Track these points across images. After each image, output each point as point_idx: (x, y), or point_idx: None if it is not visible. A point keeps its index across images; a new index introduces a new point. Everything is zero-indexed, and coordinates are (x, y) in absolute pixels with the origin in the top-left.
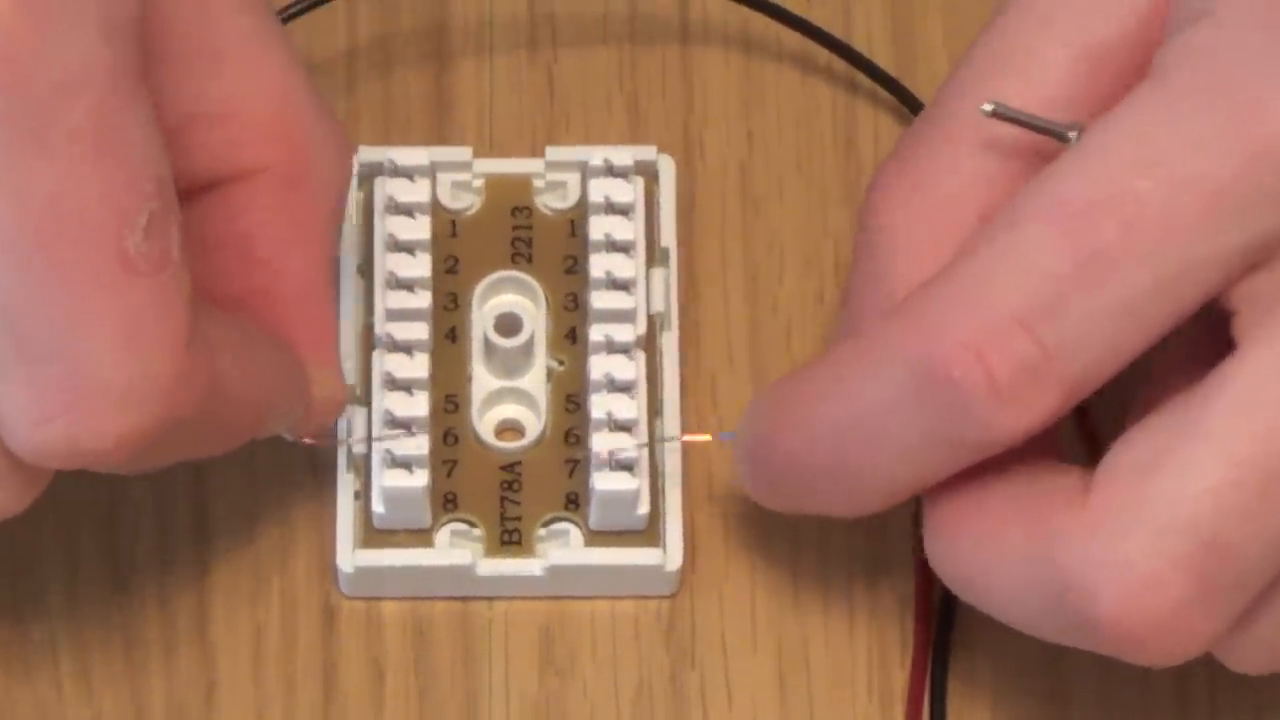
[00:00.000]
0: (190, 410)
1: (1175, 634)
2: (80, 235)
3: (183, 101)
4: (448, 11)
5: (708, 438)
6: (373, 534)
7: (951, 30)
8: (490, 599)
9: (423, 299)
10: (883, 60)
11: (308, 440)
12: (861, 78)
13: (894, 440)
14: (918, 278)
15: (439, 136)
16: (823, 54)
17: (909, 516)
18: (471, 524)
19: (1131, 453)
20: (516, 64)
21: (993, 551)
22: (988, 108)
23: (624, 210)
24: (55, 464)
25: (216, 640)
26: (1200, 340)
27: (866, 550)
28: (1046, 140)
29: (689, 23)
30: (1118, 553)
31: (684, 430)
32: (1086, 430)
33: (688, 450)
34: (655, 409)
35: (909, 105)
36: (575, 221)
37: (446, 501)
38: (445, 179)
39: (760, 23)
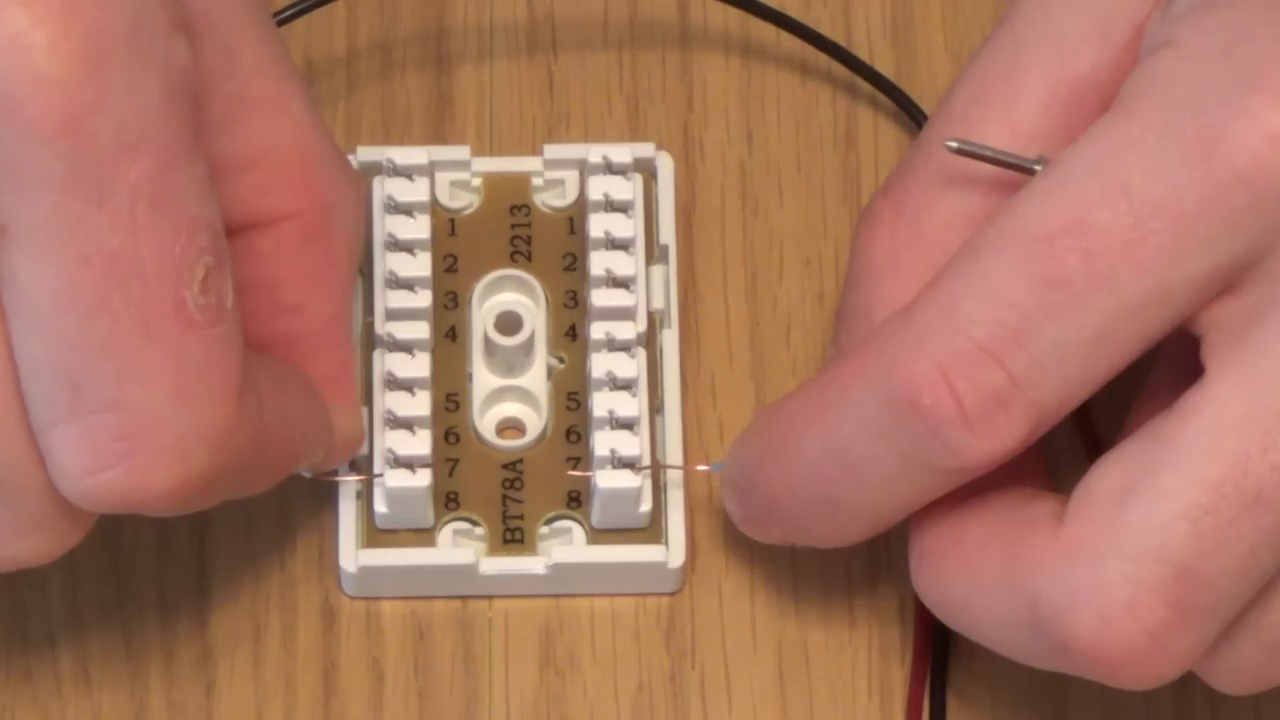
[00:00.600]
0: (240, 457)
1: (1151, 659)
2: (140, 290)
3: (215, 148)
4: (447, 13)
5: (706, 467)
6: (375, 534)
7: (952, 31)
8: (492, 598)
9: (423, 298)
10: (882, 61)
11: (321, 476)
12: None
13: (871, 469)
14: None
15: (439, 138)
16: (823, 54)
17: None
18: (474, 523)
19: (1105, 479)
20: (516, 65)
21: (973, 580)
22: (952, 144)
23: (623, 208)
24: (106, 510)
25: (216, 640)
26: (1178, 363)
27: (866, 550)
28: (1026, 176)
29: (688, 23)
30: (1093, 580)
31: (683, 431)
32: (1090, 438)
33: (689, 450)
34: (656, 406)
35: (907, 110)
36: (574, 219)
37: (448, 501)
38: (443, 178)
39: (760, 23)
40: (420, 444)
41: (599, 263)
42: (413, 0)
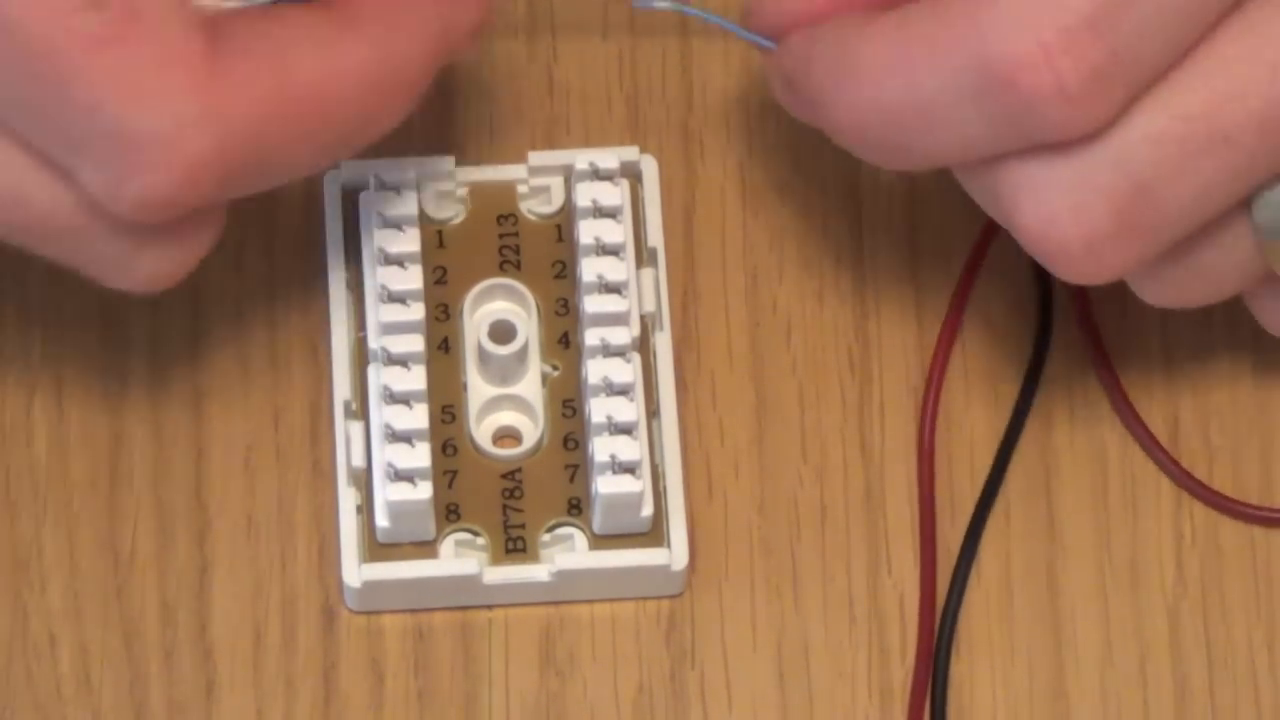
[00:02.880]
0: (256, 115)
1: (1085, 263)
2: (37, 40)
3: None
4: None
5: (757, 39)
6: (377, 548)
7: None
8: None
9: (416, 311)
10: None
11: None
12: None
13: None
14: None
15: (439, 140)
16: None
17: (908, 514)
18: (475, 533)
19: None
20: (516, 65)
21: (918, 68)
22: None
23: (612, 213)
24: (157, 216)
25: (216, 640)
26: None
27: (867, 550)
28: None
29: (689, 23)
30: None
31: (682, 433)
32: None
33: (688, 451)
34: (652, 410)
35: None
36: (561, 226)
37: (449, 512)
38: (429, 189)
39: None
40: (420, 457)
41: (590, 269)
42: None
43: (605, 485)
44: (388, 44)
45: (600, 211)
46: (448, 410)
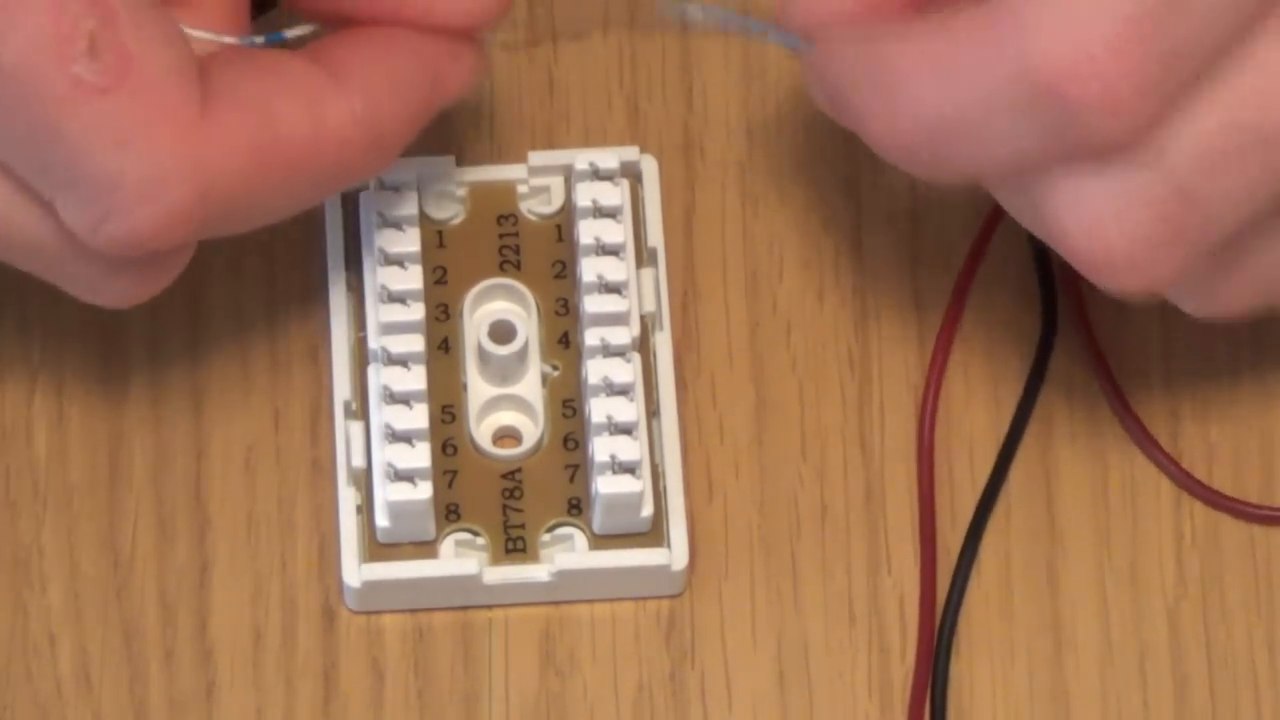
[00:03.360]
0: (239, 167)
1: (1131, 269)
2: (33, 83)
3: None
4: None
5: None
6: (377, 548)
7: None
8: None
9: (416, 311)
10: None
11: None
12: None
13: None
14: None
15: (440, 139)
16: None
17: (908, 514)
18: (475, 533)
19: None
20: (516, 65)
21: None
22: None
23: (612, 213)
24: (132, 254)
25: (216, 640)
26: None
27: (867, 550)
28: None
29: (688, 21)
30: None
31: (682, 433)
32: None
33: (688, 451)
34: (652, 410)
35: None
36: (561, 226)
37: (449, 512)
38: (429, 189)
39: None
40: (420, 457)
41: (590, 269)
42: None
43: (605, 485)
44: (375, 101)
45: (600, 211)
46: (448, 410)
